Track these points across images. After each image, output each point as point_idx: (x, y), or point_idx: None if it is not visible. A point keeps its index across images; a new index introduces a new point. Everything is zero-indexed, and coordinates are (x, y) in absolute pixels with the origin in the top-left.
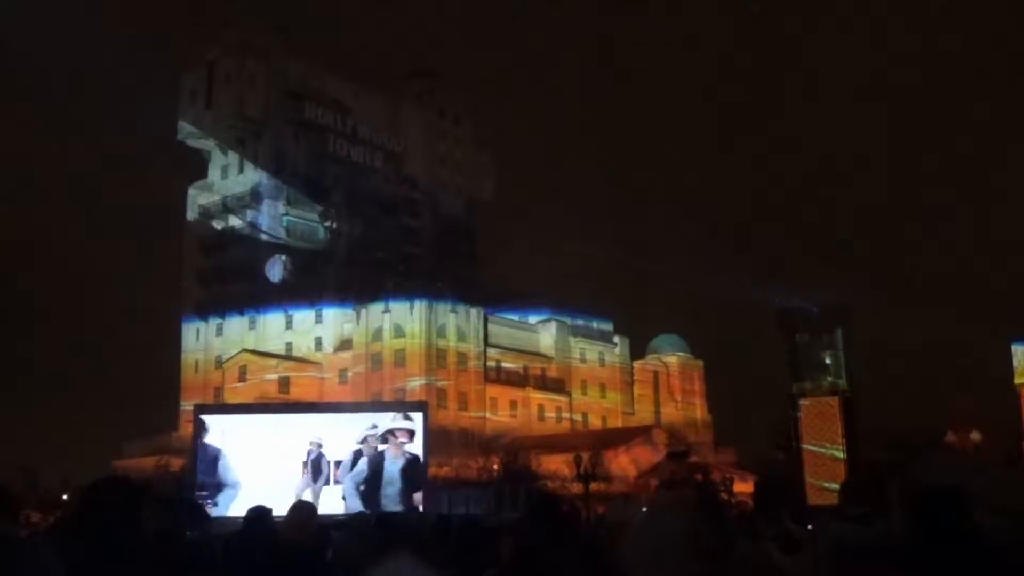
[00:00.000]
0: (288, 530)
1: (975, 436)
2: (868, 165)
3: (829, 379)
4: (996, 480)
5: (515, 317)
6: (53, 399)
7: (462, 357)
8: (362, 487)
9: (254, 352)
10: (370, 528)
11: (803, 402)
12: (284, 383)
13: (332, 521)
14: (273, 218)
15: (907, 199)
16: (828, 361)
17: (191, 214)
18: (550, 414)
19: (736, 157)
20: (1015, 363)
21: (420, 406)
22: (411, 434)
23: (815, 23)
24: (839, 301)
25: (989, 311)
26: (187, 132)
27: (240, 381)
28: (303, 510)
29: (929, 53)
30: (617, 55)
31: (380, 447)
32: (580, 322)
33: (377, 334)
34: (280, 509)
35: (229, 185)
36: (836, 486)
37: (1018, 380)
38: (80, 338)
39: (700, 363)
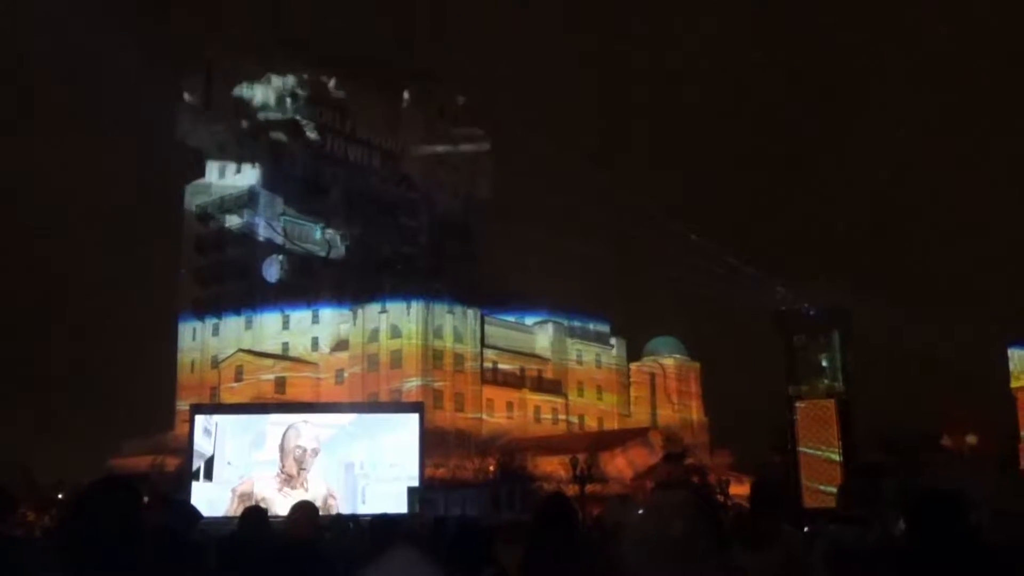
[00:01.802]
0: (291, 529)
1: (971, 439)
2: (867, 167)
3: (825, 382)
4: (993, 483)
5: (512, 318)
6: (49, 397)
7: (459, 358)
8: None
9: (250, 352)
10: (362, 529)
11: (799, 404)
12: (280, 383)
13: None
14: (270, 218)
15: (906, 202)
16: (824, 364)
17: (188, 213)
18: (546, 415)
19: (735, 158)
20: (1012, 367)
21: (416, 407)
22: None
23: (820, 26)
24: (836, 303)
25: (987, 315)
26: (185, 131)
27: (236, 381)
28: (306, 509)
29: (932, 57)
30: (616, 55)
31: None
32: (577, 324)
33: (374, 335)
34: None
35: (226, 185)
36: (832, 489)
37: (1014, 384)
38: (76, 336)
39: (697, 365)
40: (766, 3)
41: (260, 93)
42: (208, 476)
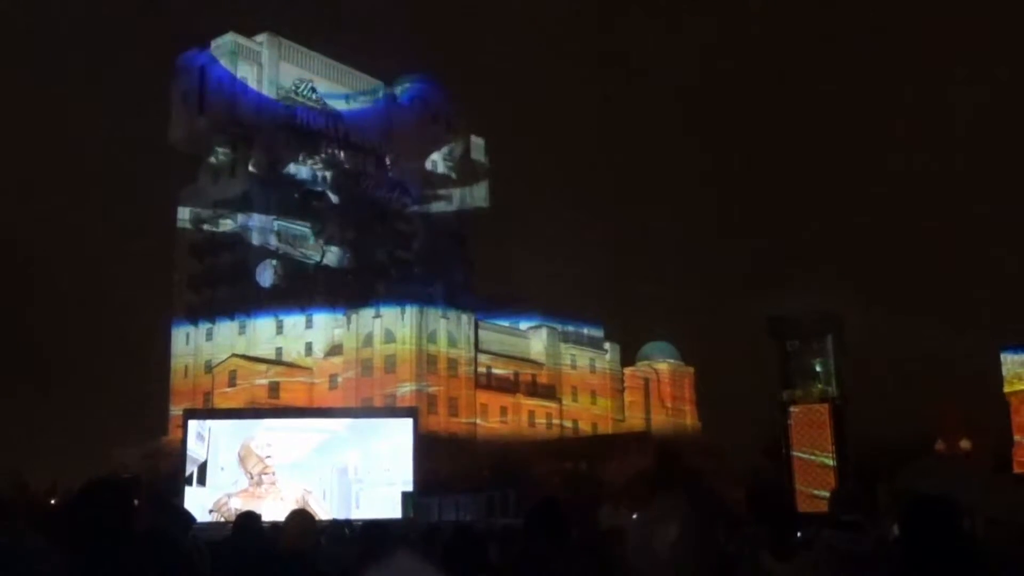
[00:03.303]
0: (288, 537)
1: (964, 444)
2: (859, 174)
3: (819, 386)
4: (988, 488)
5: (506, 323)
6: (42, 403)
7: (453, 363)
8: None
9: (244, 357)
10: (354, 534)
11: (793, 409)
12: (274, 388)
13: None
14: (264, 223)
15: (899, 208)
16: (818, 368)
17: (182, 218)
18: (540, 420)
19: (729, 163)
20: (1004, 371)
21: (410, 412)
22: None
23: (812, 34)
24: (830, 308)
25: (979, 319)
26: (179, 136)
27: (230, 386)
28: (303, 517)
29: (932, 61)
30: (609, 60)
31: None
32: (571, 328)
33: (368, 339)
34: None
35: (220, 190)
36: (826, 494)
37: (1007, 388)
38: (69, 342)
39: (691, 370)
40: (764, 6)
41: (253, 98)
42: (201, 482)
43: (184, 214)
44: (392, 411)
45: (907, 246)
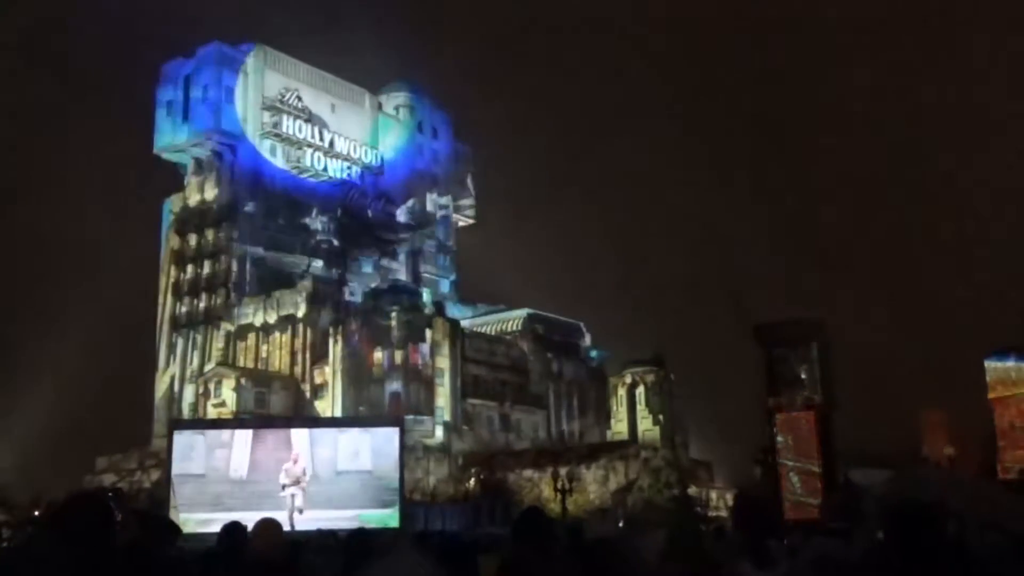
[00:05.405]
0: (257, 546)
1: (949, 450)
2: (851, 178)
3: (805, 393)
4: (971, 494)
5: (493, 331)
6: (26, 413)
7: (439, 372)
8: None
9: (229, 366)
10: (342, 544)
11: (779, 417)
12: (260, 398)
13: (302, 538)
14: (249, 232)
15: (887, 215)
16: (804, 376)
17: (167, 227)
18: (527, 429)
19: (720, 168)
20: (988, 378)
21: (397, 421)
22: None
23: (804, 40)
24: (815, 316)
25: (964, 327)
26: (163, 145)
27: (215, 396)
28: (270, 526)
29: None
30: (600, 63)
31: None
32: (558, 336)
33: (355, 348)
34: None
35: (205, 199)
36: (812, 500)
37: (991, 395)
38: (55, 350)
39: (678, 378)
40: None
41: (239, 106)
42: (186, 492)
43: (168, 223)
44: (378, 420)
45: (894, 254)
